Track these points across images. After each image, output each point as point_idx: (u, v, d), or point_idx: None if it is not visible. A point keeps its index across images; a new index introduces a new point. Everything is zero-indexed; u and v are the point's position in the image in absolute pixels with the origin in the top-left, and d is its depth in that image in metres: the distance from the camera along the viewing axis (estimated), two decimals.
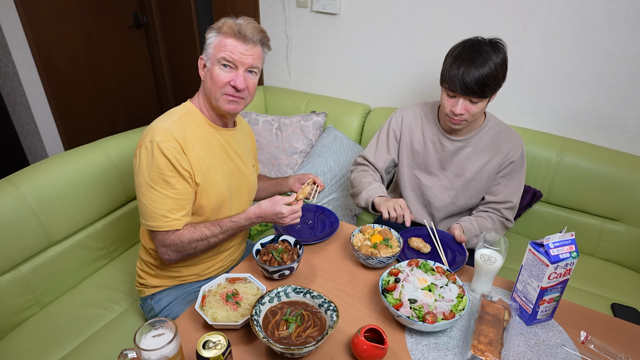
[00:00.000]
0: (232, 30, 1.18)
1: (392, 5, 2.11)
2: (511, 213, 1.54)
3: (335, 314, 1.01)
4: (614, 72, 1.78)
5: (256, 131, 2.28)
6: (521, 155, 1.52)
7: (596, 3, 1.71)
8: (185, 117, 1.25)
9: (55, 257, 1.55)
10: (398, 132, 1.63)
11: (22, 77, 2.57)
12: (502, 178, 1.53)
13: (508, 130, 1.53)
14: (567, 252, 1.04)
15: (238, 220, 1.26)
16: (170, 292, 1.40)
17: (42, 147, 2.82)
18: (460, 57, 1.34)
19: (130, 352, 0.90)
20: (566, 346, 1.06)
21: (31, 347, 1.39)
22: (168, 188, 1.18)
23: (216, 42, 1.20)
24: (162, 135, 1.17)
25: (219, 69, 1.20)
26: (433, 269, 1.20)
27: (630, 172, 1.75)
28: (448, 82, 1.36)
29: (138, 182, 1.20)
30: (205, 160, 1.25)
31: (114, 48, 3.07)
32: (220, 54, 1.18)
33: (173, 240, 1.22)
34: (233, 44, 1.18)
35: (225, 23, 1.20)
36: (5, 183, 1.42)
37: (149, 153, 1.17)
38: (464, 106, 1.38)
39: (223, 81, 1.20)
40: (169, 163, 1.16)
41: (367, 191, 1.54)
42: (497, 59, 1.33)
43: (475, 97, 1.35)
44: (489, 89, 1.34)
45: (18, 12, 2.46)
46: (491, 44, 1.35)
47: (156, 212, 1.19)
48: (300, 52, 2.50)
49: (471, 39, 1.39)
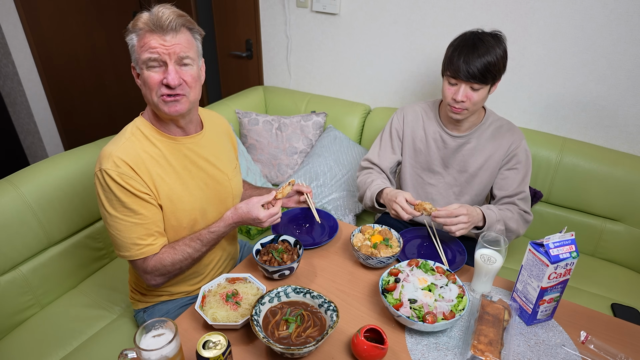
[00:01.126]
0: (147, 25, 1.04)
1: (392, 5, 2.11)
2: (526, 204, 1.51)
3: (335, 314, 1.01)
4: (614, 72, 1.78)
5: (256, 131, 2.28)
6: (525, 148, 1.51)
7: (596, 3, 1.71)
8: (136, 135, 1.13)
9: (55, 257, 1.55)
10: (400, 131, 1.64)
11: (22, 77, 2.57)
12: (508, 171, 1.52)
13: (509, 125, 1.54)
14: (567, 252, 1.04)
15: (217, 229, 1.21)
16: (161, 306, 1.35)
17: (42, 147, 2.82)
18: (462, 44, 1.37)
19: (130, 352, 0.90)
20: (566, 346, 1.06)
21: (31, 347, 1.39)
22: (132, 215, 1.10)
23: (135, 44, 1.06)
24: (109, 162, 1.07)
25: (147, 71, 1.06)
26: (433, 269, 1.20)
27: (630, 172, 1.75)
28: (450, 69, 1.38)
29: (102, 214, 1.13)
30: (164, 179, 1.14)
31: (114, 48, 3.07)
32: (144, 55, 1.05)
33: (154, 266, 1.16)
34: (153, 39, 1.04)
35: (139, 18, 1.05)
36: (5, 183, 1.42)
37: (101, 183, 1.09)
38: (465, 93, 1.39)
39: (155, 82, 1.06)
40: (124, 190, 1.08)
41: (370, 190, 1.54)
42: (499, 50, 1.36)
43: (477, 82, 1.36)
44: (490, 74, 1.36)
45: (18, 12, 2.46)
46: (492, 36, 1.38)
47: (126, 242, 1.12)
48: (300, 52, 2.50)
49: (472, 30, 1.42)
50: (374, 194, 1.52)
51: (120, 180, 1.08)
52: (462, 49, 1.36)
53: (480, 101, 1.42)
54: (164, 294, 1.35)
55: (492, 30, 1.41)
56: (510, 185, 1.51)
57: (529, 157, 1.53)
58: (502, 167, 1.53)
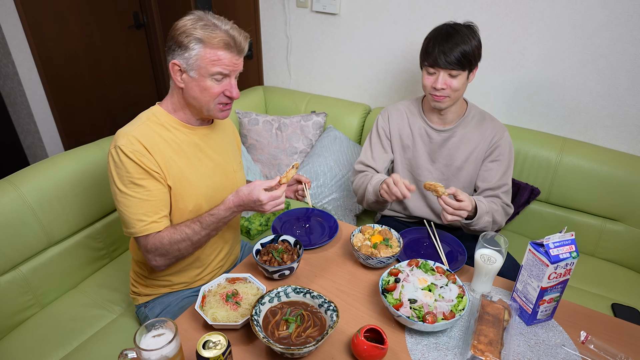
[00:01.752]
0: (223, 43, 1.11)
1: (392, 5, 2.11)
2: (508, 197, 1.55)
3: (335, 314, 1.01)
4: (614, 72, 1.78)
5: (256, 131, 2.28)
6: (507, 140, 1.54)
7: (596, 3, 1.71)
8: (152, 120, 1.20)
9: (55, 257, 1.55)
10: (387, 130, 1.65)
11: (22, 77, 2.57)
12: (491, 163, 1.54)
13: (490, 117, 1.58)
14: (567, 252, 1.04)
15: (217, 212, 1.20)
16: (162, 299, 1.38)
17: (42, 147, 2.82)
18: (437, 34, 1.42)
19: (130, 352, 0.90)
20: (566, 346, 1.06)
21: (31, 347, 1.39)
22: (140, 191, 1.15)
23: (205, 54, 1.11)
24: (124, 139, 1.14)
25: (211, 82, 1.15)
26: (433, 269, 1.20)
27: (630, 172, 1.75)
28: (428, 58, 1.43)
29: (113, 191, 1.18)
30: (176, 161, 1.21)
31: (114, 48, 3.07)
32: (214, 69, 1.12)
33: (154, 244, 1.18)
34: (228, 57, 1.13)
35: (215, 35, 1.11)
36: (5, 183, 1.42)
37: (115, 159, 1.14)
38: (444, 80, 1.42)
39: (217, 93, 1.17)
40: (136, 165, 1.13)
41: (371, 184, 1.53)
42: (474, 40, 1.41)
43: (455, 69, 1.39)
44: (467, 60, 1.39)
45: (18, 12, 2.46)
46: (466, 26, 1.43)
47: (132, 217, 1.16)
48: (300, 52, 2.50)
49: (446, 22, 1.47)
50: (376, 186, 1.49)
51: (133, 157, 1.13)
52: (437, 38, 1.41)
53: (460, 87, 1.44)
54: (165, 284, 1.36)
55: (465, 22, 1.46)
56: (493, 177, 1.53)
57: (511, 149, 1.55)
58: (485, 158, 1.56)
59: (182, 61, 1.14)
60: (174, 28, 1.14)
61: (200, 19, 1.13)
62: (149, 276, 1.36)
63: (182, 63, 1.14)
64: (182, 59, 1.14)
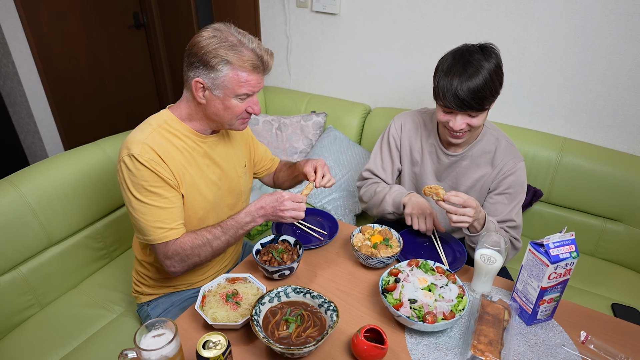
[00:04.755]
0: (252, 66, 1.12)
1: (392, 5, 2.11)
2: (517, 232, 1.43)
3: (335, 314, 1.01)
4: (614, 72, 1.78)
5: (256, 131, 2.28)
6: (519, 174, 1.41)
7: (596, 3, 1.71)
8: (164, 127, 1.19)
9: (55, 257, 1.55)
10: (398, 140, 1.57)
11: (22, 77, 2.57)
12: (498, 196, 1.43)
13: (506, 144, 1.44)
14: (567, 252, 1.04)
15: (238, 217, 1.22)
16: (165, 299, 1.39)
17: (42, 147, 2.82)
18: (451, 70, 1.26)
19: (130, 352, 0.90)
20: (566, 346, 1.06)
21: (31, 347, 1.39)
22: (157, 199, 1.15)
23: (233, 76, 1.11)
24: (139, 147, 1.12)
25: (235, 101, 1.15)
26: (433, 269, 1.20)
27: (630, 172, 1.75)
28: (442, 98, 1.28)
29: (126, 198, 1.17)
30: (188, 170, 1.21)
31: (114, 48, 3.07)
32: (241, 90, 1.13)
33: (175, 250, 1.18)
34: (255, 79, 1.14)
35: (244, 58, 1.10)
36: (5, 183, 1.42)
37: (129, 167, 1.13)
38: (463, 121, 1.30)
39: (241, 110, 1.18)
40: (152, 173, 1.13)
41: (390, 195, 1.48)
42: (490, 65, 1.25)
43: (474, 111, 1.28)
44: (486, 100, 1.26)
45: (18, 12, 2.46)
46: (482, 50, 1.27)
47: (150, 225, 1.15)
48: (300, 52, 2.50)
49: (460, 47, 1.31)
50: (397, 199, 1.45)
51: (149, 165, 1.12)
52: (453, 75, 1.25)
53: (481, 123, 1.33)
54: (169, 284, 1.37)
55: (482, 43, 1.30)
56: (499, 211, 1.42)
57: (523, 184, 1.42)
58: (492, 190, 1.46)
59: (207, 80, 1.13)
60: (196, 45, 1.12)
61: (224, 37, 1.11)
62: (153, 276, 1.37)
63: (207, 82, 1.13)
64: (207, 78, 1.12)
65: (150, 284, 1.39)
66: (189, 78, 1.15)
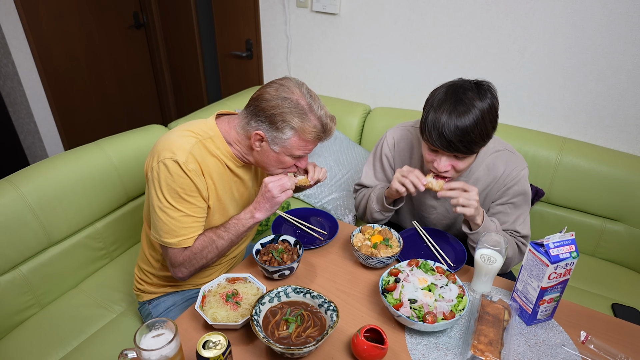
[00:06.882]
0: (316, 137, 1.15)
1: (392, 5, 2.11)
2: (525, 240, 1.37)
3: (335, 314, 1.01)
4: (614, 72, 1.78)
5: None
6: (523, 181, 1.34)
7: (596, 3, 1.71)
8: (208, 142, 1.20)
9: (55, 257, 1.55)
10: (391, 159, 1.50)
11: (22, 77, 2.57)
12: (501, 206, 1.37)
13: (507, 155, 1.37)
14: (567, 252, 1.04)
15: (238, 215, 1.25)
16: (167, 298, 1.40)
17: (42, 147, 2.82)
18: (441, 105, 1.16)
19: (130, 352, 0.90)
20: (566, 346, 1.06)
21: (31, 347, 1.39)
22: (190, 207, 1.17)
23: (295, 142, 1.14)
24: (184, 156, 1.14)
25: (288, 158, 1.19)
26: (433, 269, 1.20)
27: (630, 172, 1.75)
28: (428, 135, 1.18)
29: (154, 197, 1.17)
30: (218, 188, 1.24)
31: (114, 48, 3.07)
32: (297, 152, 1.17)
33: (187, 256, 1.20)
34: (313, 145, 1.18)
35: (310, 129, 1.13)
36: (5, 183, 1.42)
37: (170, 171, 1.13)
38: (448, 162, 1.22)
39: (290, 165, 1.22)
40: (191, 183, 1.15)
41: (374, 193, 1.46)
42: (484, 105, 1.15)
43: (460, 153, 1.19)
44: (475, 144, 1.16)
45: (18, 12, 2.46)
46: (477, 87, 1.18)
47: (175, 230, 1.17)
48: (300, 52, 2.50)
49: (455, 82, 1.21)
50: (380, 193, 1.43)
51: (191, 175, 1.14)
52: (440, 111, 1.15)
53: (468, 167, 1.25)
54: (172, 283, 1.38)
55: (478, 80, 1.20)
56: (504, 221, 1.37)
57: (527, 193, 1.35)
58: (494, 200, 1.39)
59: (269, 136, 1.14)
60: (265, 100, 1.13)
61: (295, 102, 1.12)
62: (157, 274, 1.37)
63: (268, 137, 1.15)
64: (269, 135, 1.14)
65: (154, 281, 1.39)
66: (251, 127, 1.16)
